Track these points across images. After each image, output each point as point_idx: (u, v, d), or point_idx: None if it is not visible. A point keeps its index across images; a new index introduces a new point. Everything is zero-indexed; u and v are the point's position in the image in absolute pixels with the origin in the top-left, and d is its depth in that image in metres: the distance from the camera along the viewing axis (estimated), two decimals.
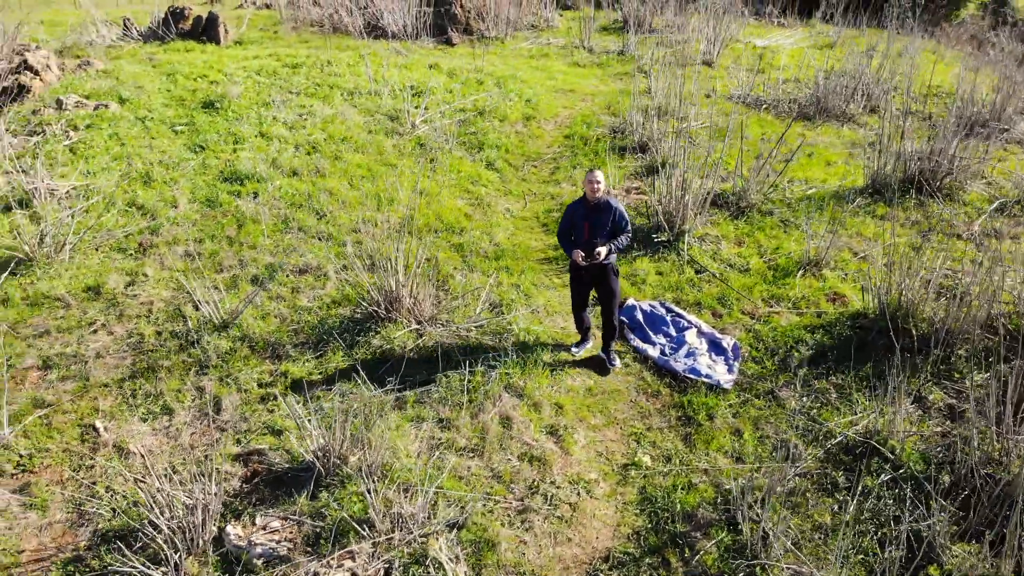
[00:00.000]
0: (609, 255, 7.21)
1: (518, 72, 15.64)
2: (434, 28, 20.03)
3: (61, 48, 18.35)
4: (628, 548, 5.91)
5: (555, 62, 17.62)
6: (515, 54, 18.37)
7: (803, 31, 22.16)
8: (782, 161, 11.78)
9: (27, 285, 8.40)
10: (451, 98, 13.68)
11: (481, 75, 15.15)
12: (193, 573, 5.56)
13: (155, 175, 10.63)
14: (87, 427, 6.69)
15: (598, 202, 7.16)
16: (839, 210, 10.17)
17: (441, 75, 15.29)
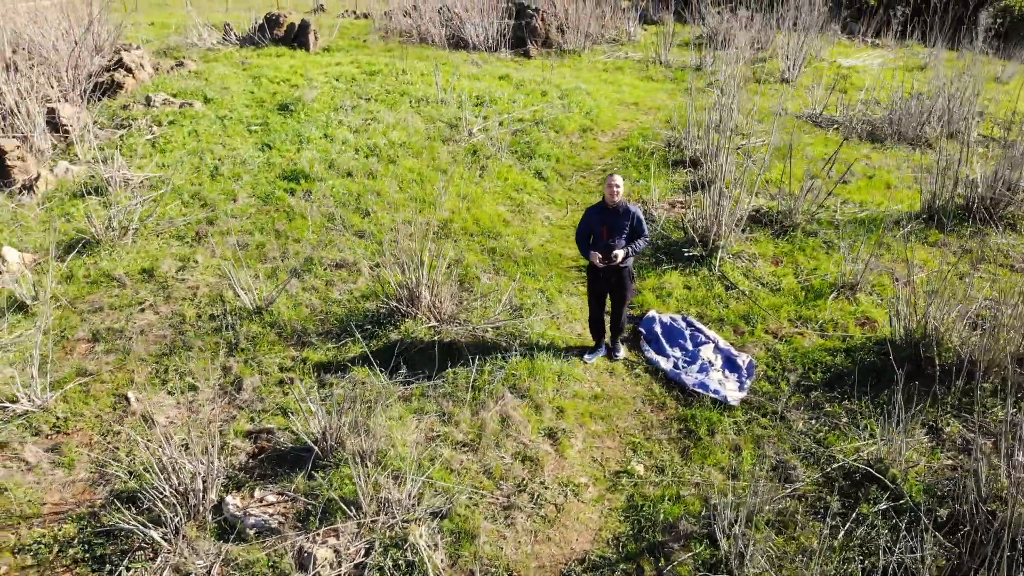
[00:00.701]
0: (626, 258, 7.36)
1: (585, 84, 15.80)
2: (514, 40, 20.44)
3: (165, 49, 19.71)
4: (606, 552, 5.97)
5: (627, 75, 17.68)
6: (590, 67, 18.53)
7: (897, 52, 21.43)
8: (839, 182, 11.52)
9: (90, 265, 9.12)
10: (512, 108, 13.96)
11: (547, 87, 15.39)
12: (191, 536, 5.95)
13: (222, 170, 11.32)
14: (120, 397, 7.24)
15: (617, 206, 7.33)
16: (888, 234, 9.88)
17: (509, 86, 15.61)
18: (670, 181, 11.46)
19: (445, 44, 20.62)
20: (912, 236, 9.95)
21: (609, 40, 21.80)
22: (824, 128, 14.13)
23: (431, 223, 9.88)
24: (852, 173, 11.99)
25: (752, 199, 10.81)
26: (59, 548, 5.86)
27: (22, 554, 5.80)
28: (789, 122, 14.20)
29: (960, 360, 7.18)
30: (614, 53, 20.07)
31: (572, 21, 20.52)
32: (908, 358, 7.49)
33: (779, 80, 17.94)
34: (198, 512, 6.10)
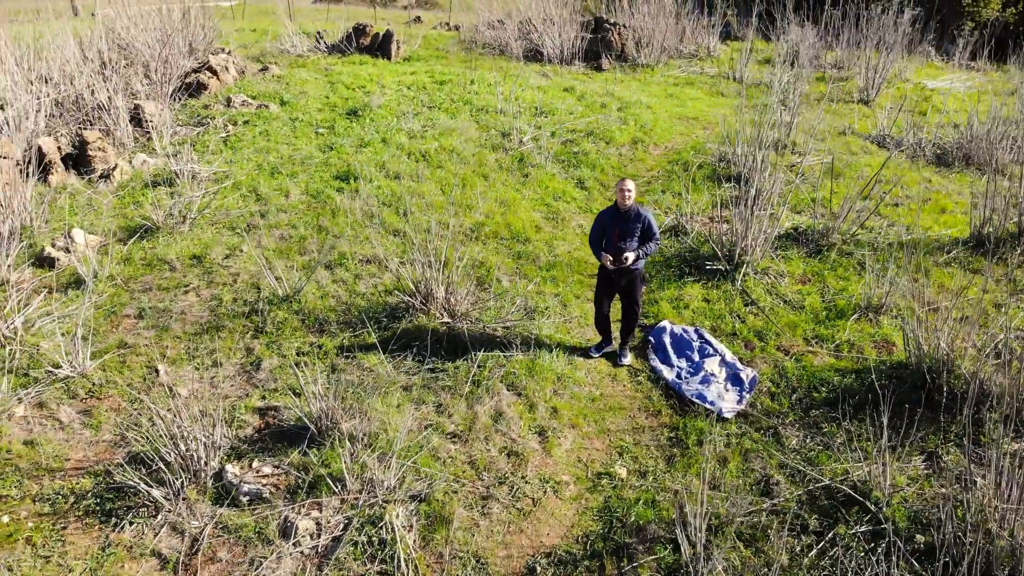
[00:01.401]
0: (637, 261, 7.55)
1: (647, 98, 15.87)
2: (588, 53, 20.66)
3: (259, 54, 20.85)
4: (573, 548, 6.12)
5: (695, 91, 17.62)
6: (660, 81, 18.56)
7: (990, 76, 20.51)
8: (889, 204, 11.24)
9: (148, 249, 9.88)
10: (568, 119, 14.18)
11: (607, 99, 15.54)
12: (191, 498, 6.44)
13: (282, 168, 12.01)
14: (152, 369, 7.86)
15: (628, 210, 7.54)
16: (928, 258, 9.59)
17: (571, 97, 15.85)
18: (713, 196, 11.42)
19: (521, 57, 21.04)
20: (954, 262, 9.62)
21: (688, 55, 21.72)
22: (889, 149, 13.73)
23: (463, 225, 10.23)
24: (907, 196, 11.66)
25: (790, 217, 10.71)
26: (74, 500, 6.45)
27: (41, 503, 6.41)
28: (852, 142, 13.88)
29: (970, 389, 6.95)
30: (689, 68, 20.00)
31: (649, 35, 20.57)
32: (916, 383, 7.31)
33: (857, 100, 17.50)
34: (200, 477, 6.59)
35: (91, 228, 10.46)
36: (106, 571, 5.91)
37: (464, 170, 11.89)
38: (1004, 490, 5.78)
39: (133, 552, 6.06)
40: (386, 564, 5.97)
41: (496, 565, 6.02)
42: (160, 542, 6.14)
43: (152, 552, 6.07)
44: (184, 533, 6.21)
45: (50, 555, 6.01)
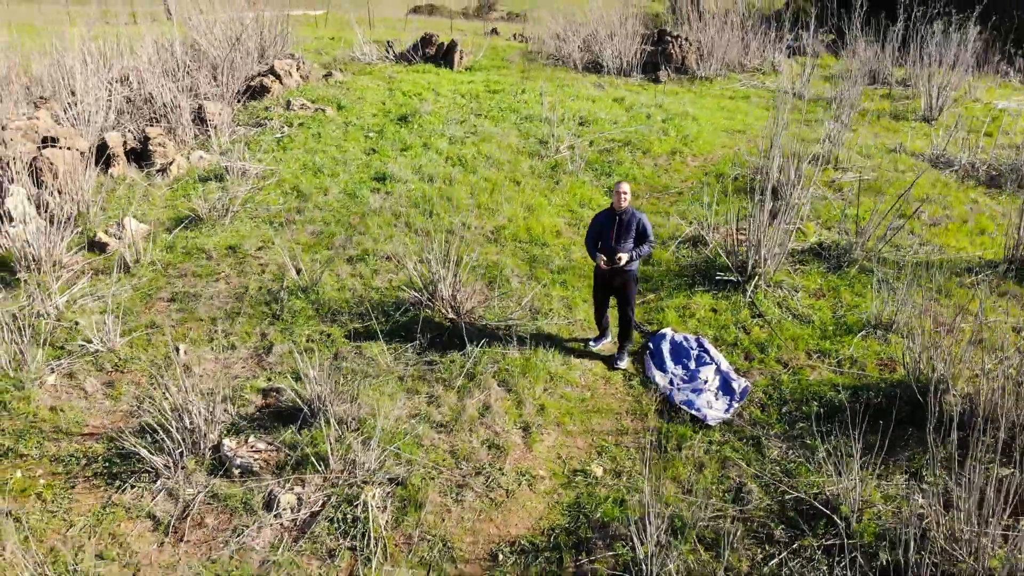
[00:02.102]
0: (630, 262, 7.75)
1: (696, 110, 15.84)
2: (648, 65, 20.71)
3: (330, 61, 21.70)
4: (537, 539, 6.29)
5: (749, 104, 17.46)
6: (716, 94, 18.46)
7: None
8: (927, 223, 10.98)
9: (190, 238, 10.53)
10: (611, 128, 14.32)
11: (654, 110, 15.60)
12: (189, 468, 6.90)
13: (325, 168, 12.57)
14: (174, 348, 8.41)
15: (624, 212, 7.78)
16: (952, 279, 9.36)
17: (620, 108, 15.98)
18: (742, 207, 11.37)
19: (581, 68, 21.26)
20: (981, 283, 9.35)
21: (751, 69, 21.50)
22: (940, 169, 13.35)
23: (485, 227, 10.51)
24: (947, 216, 11.34)
25: (818, 232, 10.59)
26: (86, 462, 6.99)
27: (56, 463, 6.98)
28: (901, 160, 13.55)
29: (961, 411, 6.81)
30: (749, 82, 19.82)
31: (711, 48, 20.47)
32: (913, 401, 7.19)
33: (920, 118, 17.02)
34: (199, 448, 7.05)
35: (143, 217, 11.20)
36: (104, 528, 6.41)
37: (497, 175, 12.18)
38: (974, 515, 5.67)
39: (130, 512, 6.55)
40: (356, 541, 6.27)
41: (461, 550, 6.25)
42: (156, 505, 6.61)
43: (147, 514, 6.54)
44: (178, 499, 6.66)
45: (56, 510, 6.55)
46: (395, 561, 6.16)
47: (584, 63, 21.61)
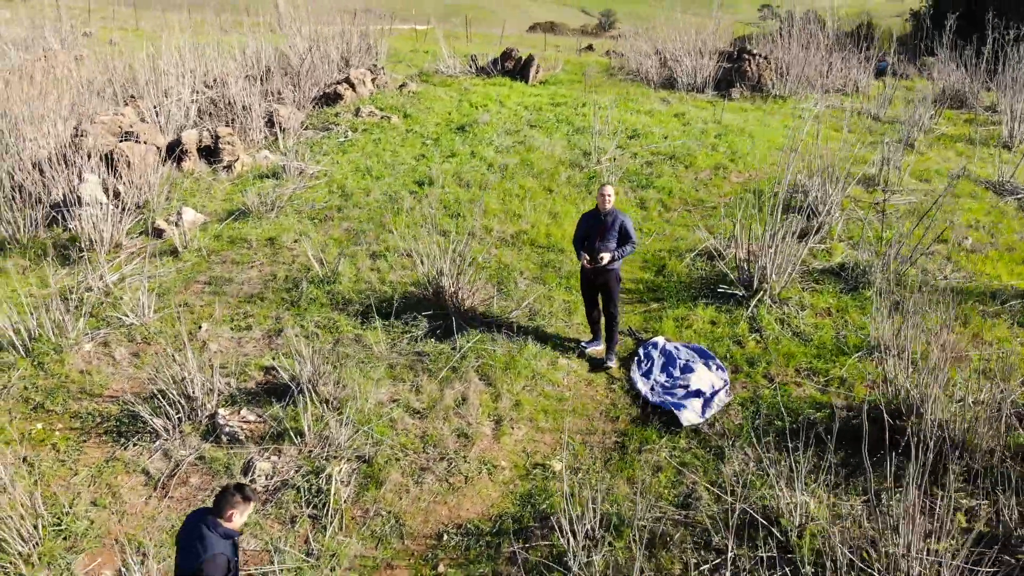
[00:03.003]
0: (612, 261, 8.04)
1: (754, 127, 15.67)
2: (722, 83, 20.57)
3: (415, 73, 22.60)
4: (483, 524, 6.56)
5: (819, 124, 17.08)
6: (786, 113, 18.15)
7: None
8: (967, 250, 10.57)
9: (236, 228, 11.37)
10: (661, 142, 14.39)
11: (713, 126, 15.54)
12: (186, 432, 7.56)
13: (374, 171, 13.25)
14: (197, 326, 9.16)
15: (608, 213, 8.10)
16: (975, 306, 9.02)
17: (678, 123, 16.00)
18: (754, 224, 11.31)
19: (660, 84, 21.33)
20: (1005, 313, 8.96)
21: (833, 89, 20.97)
22: (1002, 196, 12.74)
23: (505, 231, 10.86)
24: (991, 243, 10.87)
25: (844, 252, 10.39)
26: (100, 420, 7.76)
27: (75, 419, 7.77)
28: (961, 186, 13.00)
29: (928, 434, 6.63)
30: (826, 102, 19.35)
31: (789, 66, 20.14)
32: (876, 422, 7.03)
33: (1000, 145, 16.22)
34: (197, 416, 7.69)
35: (201, 208, 12.16)
36: (103, 479, 7.11)
37: (533, 183, 12.52)
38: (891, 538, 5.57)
39: (128, 467, 7.23)
40: (317, 510, 6.73)
41: (411, 527, 6.59)
42: (151, 463, 7.27)
43: (143, 470, 7.21)
44: (171, 459, 7.31)
45: (66, 460, 7.31)
46: (348, 532, 6.56)
47: (661, 79, 21.69)
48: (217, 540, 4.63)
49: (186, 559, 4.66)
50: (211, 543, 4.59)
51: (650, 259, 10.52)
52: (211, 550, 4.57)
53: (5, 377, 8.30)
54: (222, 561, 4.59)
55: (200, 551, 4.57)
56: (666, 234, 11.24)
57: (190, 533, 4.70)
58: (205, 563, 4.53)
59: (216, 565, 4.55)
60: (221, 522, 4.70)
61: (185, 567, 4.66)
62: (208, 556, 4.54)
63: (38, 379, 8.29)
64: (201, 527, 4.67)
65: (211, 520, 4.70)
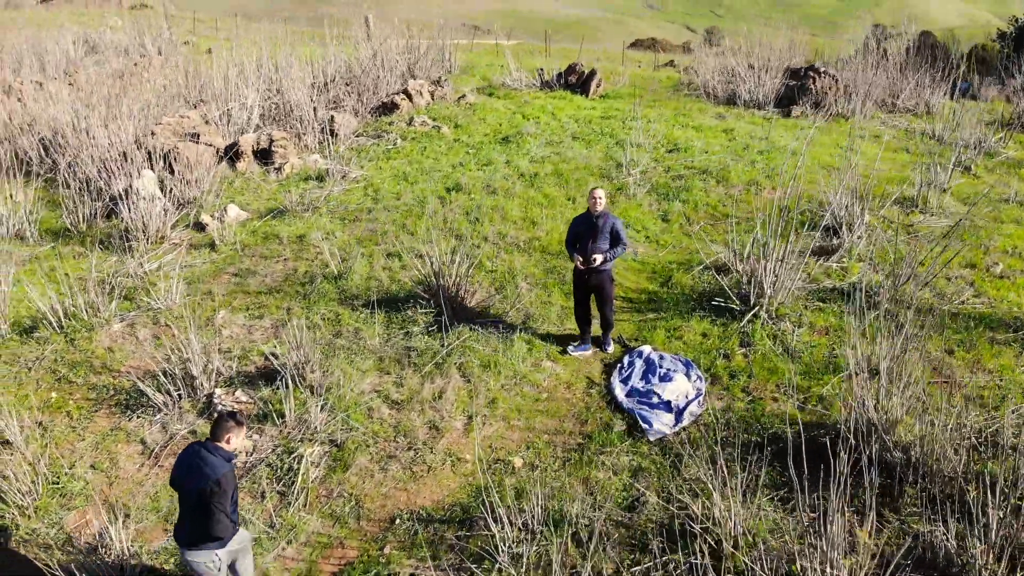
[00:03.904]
0: (604, 262, 8.27)
1: (800, 144, 15.39)
2: (784, 100, 20.21)
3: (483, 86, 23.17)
4: (434, 512, 6.84)
5: (875, 145, 16.62)
6: (843, 132, 17.70)
7: None
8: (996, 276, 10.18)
9: (271, 225, 12.06)
10: (700, 157, 14.35)
11: (758, 142, 15.37)
12: (184, 408, 8.15)
13: (411, 177, 13.76)
14: (216, 312, 9.80)
15: (599, 215, 8.30)
16: (985, 332, 8.70)
17: (724, 138, 15.90)
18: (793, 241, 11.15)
19: (722, 99, 21.16)
20: (1017, 341, 8.60)
21: (903, 110, 20.29)
22: None
23: (518, 237, 11.12)
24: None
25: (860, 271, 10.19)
26: (112, 393, 8.44)
27: (91, 391, 8.47)
28: (1008, 211, 12.45)
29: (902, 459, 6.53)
30: (892, 122, 18.77)
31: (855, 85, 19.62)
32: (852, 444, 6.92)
33: None
34: (196, 394, 8.27)
35: (245, 206, 12.94)
36: (105, 446, 7.76)
37: (557, 192, 12.74)
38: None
39: (129, 437, 7.86)
40: (286, 487, 7.15)
41: (369, 509, 6.94)
42: (149, 435, 7.88)
43: (141, 440, 7.82)
44: (168, 432, 7.90)
45: (76, 427, 8.00)
46: (311, 509, 6.96)
47: (725, 95, 21.49)
48: (221, 461, 5.31)
49: (195, 480, 5.27)
50: (217, 463, 5.28)
51: (659, 271, 10.58)
52: (219, 469, 5.25)
53: (40, 350, 9.12)
54: (231, 478, 5.33)
55: (209, 472, 5.23)
56: (682, 247, 11.25)
57: (192, 460, 5.36)
58: (221, 478, 5.22)
59: (228, 479, 5.29)
60: (220, 446, 5.40)
61: (194, 487, 5.27)
62: (220, 473, 5.22)
63: (67, 353, 9.07)
64: (203, 452, 5.35)
65: (211, 445, 5.39)
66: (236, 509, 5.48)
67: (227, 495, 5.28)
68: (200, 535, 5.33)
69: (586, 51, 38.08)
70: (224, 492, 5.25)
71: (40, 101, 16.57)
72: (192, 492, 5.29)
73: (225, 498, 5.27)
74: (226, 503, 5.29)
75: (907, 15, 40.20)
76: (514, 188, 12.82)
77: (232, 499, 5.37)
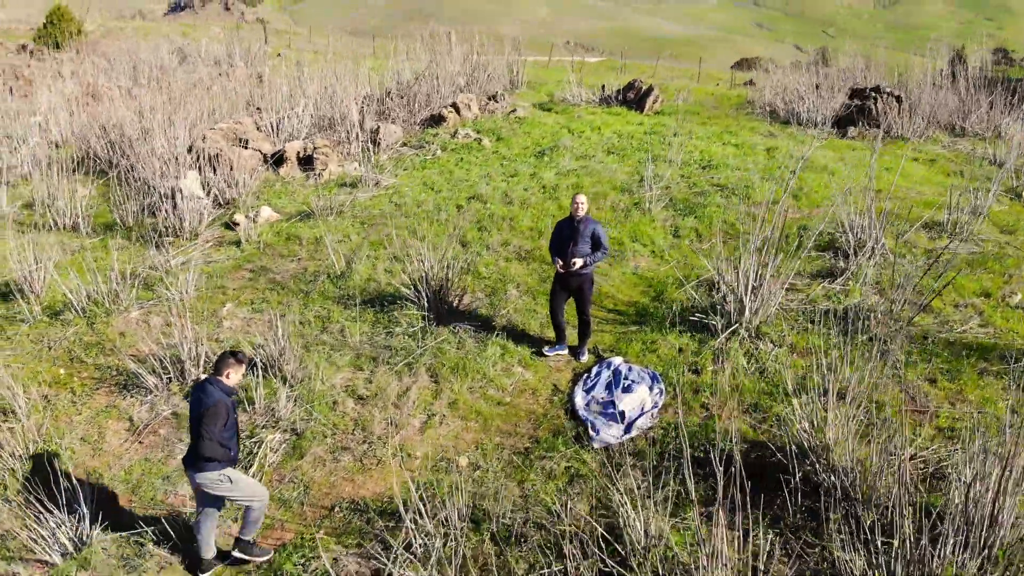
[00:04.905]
0: (585, 266, 8.49)
1: (844, 167, 14.99)
2: (844, 120, 19.65)
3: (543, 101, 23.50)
4: (371, 503, 7.12)
5: (927, 169, 16.00)
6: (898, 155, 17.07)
7: None
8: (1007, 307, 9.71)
9: (295, 227, 12.67)
10: (730, 174, 14.18)
11: (795, 161, 15.06)
12: (173, 391, 8.73)
13: (437, 186, 14.17)
14: (222, 306, 10.41)
15: (581, 220, 8.53)
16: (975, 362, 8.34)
17: (763, 156, 15.65)
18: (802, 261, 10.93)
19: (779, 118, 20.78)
20: (1008, 374, 8.19)
21: (971, 134, 19.38)
22: None
23: (520, 247, 11.31)
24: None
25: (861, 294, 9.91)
26: (115, 374, 9.11)
27: (97, 370, 9.17)
28: None
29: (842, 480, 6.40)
30: (954, 146, 17.97)
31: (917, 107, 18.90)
32: None
33: None
34: (185, 379, 8.85)
35: (279, 208, 13.63)
36: (98, 421, 8.40)
37: None
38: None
39: (120, 414, 8.48)
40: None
41: (314, 496, 7.28)
42: (137, 414, 8.48)
43: (128, 418, 8.43)
44: (154, 411, 8.48)
45: (76, 402, 8.68)
46: None
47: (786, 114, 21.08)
48: (219, 393, 6.14)
49: (195, 407, 6.15)
50: (213, 394, 6.12)
51: (655, 285, 10.56)
52: (213, 397, 6.08)
53: (63, 332, 9.92)
54: (222, 407, 6.09)
55: (206, 399, 6.08)
56: (685, 263, 11.17)
57: (196, 392, 6.22)
58: (214, 405, 6.03)
59: (217, 408, 6.05)
60: (221, 379, 6.23)
61: (194, 413, 6.14)
62: (214, 401, 6.05)
63: (85, 336, 9.83)
64: (206, 385, 6.20)
65: (213, 379, 6.25)
66: (234, 439, 6.29)
67: (216, 421, 6.02)
68: (199, 456, 6.10)
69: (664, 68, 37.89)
70: (213, 417, 6.00)
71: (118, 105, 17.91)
72: (192, 418, 6.15)
73: (213, 423, 6.01)
74: (214, 428, 6.02)
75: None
76: (531, 199, 13.03)
77: (227, 426, 6.14)
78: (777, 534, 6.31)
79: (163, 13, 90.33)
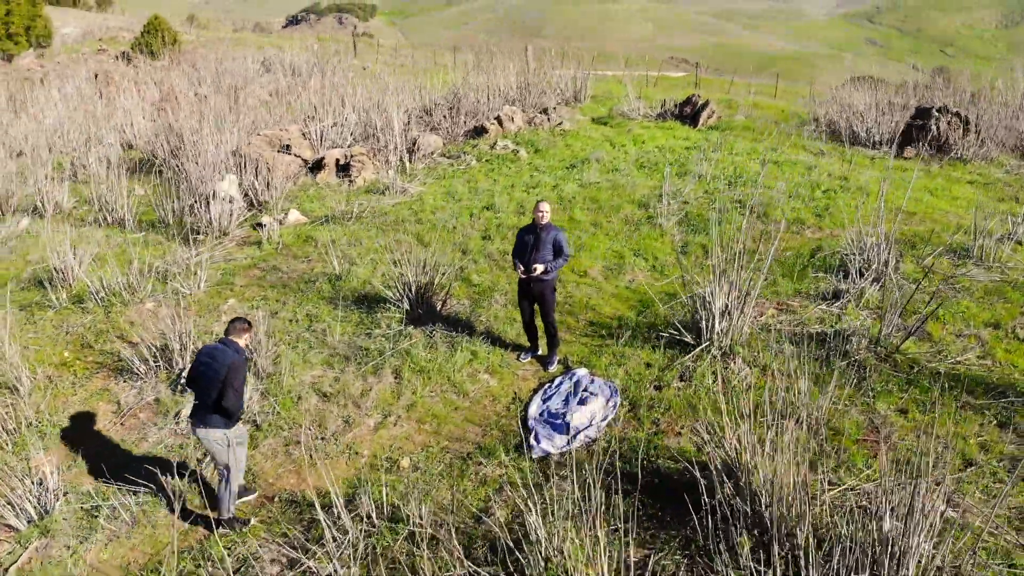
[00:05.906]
0: (546, 272, 8.58)
1: (873, 186, 14.38)
2: (905, 139, 18.79)
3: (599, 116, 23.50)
4: (308, 496, 7.34)
5: (976, 191, 15.14)
6: (952, 177, 16.23)
7: None
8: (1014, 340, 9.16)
9: (315, 230, 13.16)
10: (758, 192, 13.85)
11: (831, 181, 14.56)
12: (161, 378, 9.25)
13: (458, 195, 14.41)
14: (225, 300, 10.94)
15: (543, 228, 8.65)
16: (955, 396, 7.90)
17: (796, 174, 15.20)
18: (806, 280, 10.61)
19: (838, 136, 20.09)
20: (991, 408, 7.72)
21: None
22: None
23: None
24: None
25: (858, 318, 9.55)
26: (116, 359, 9.73)
27: (101, 355, 9.81)
28: None
29: None
30: (1017, 170, 16.92)
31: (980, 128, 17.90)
32: None
33: None
34: (173, 367, 9.36)
35: (308, 212, 14.18)
36: (90, 402, 9.00)
37: (586, 216, 12.84)
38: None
39: (111, 396, 9.06)
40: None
41: (261, 484, 7.59)
42: (126, 397, 9.04)
43: (116, 401, 9.00)
44: (141, 395, 9.02)
45: (76, 383, 9.33)
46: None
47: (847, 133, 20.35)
48: (233, 352, 6.69)
49: (213, 369, 6.58)
50: (231, 352, 6.67)
51: (645, 299, 10.44)
52: (231, 356, 6.62)
53: (81, 319, 10.66)
54: (241, 365, 6.64)
55: (224, 359, 6.59)
56: (681, 279, 10.99)
57: (211, 351, 6.73)
58: (233, 362, 6.56)
59: (238, 365, 6.60)
60: (233, 339, 6.84)
61: (213, 374, 6.57)
62: (234, 359, 6.58)
63: (100, 323, 10.54)
64: (219, 346, 6.77)
65: (227, 340, 6.84)
66: (242, 397, 6.72)
67: (241, 374, 6.59)
68: (214, 412, 6.60)
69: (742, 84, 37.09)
70: (238, 371, 6.55)
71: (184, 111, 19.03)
72: (210, 376, 6.56)
73: (238, 376, 6.55)
74: (241, 381, 6.59)
75: None
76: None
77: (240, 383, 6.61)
78: (686, 556, 6.17)
79: (281, 26, 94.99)
